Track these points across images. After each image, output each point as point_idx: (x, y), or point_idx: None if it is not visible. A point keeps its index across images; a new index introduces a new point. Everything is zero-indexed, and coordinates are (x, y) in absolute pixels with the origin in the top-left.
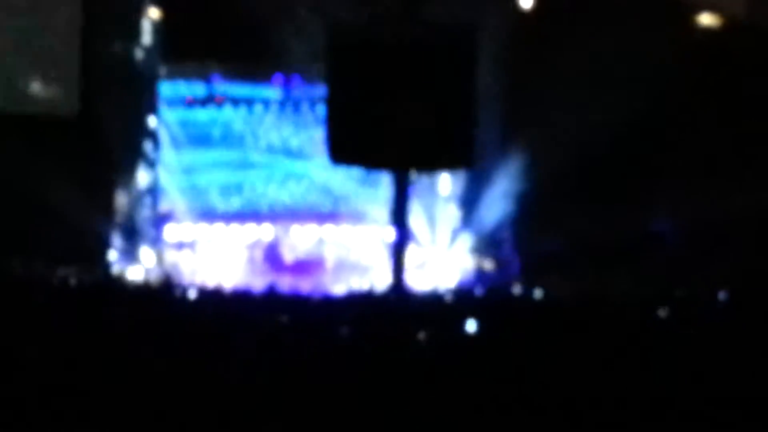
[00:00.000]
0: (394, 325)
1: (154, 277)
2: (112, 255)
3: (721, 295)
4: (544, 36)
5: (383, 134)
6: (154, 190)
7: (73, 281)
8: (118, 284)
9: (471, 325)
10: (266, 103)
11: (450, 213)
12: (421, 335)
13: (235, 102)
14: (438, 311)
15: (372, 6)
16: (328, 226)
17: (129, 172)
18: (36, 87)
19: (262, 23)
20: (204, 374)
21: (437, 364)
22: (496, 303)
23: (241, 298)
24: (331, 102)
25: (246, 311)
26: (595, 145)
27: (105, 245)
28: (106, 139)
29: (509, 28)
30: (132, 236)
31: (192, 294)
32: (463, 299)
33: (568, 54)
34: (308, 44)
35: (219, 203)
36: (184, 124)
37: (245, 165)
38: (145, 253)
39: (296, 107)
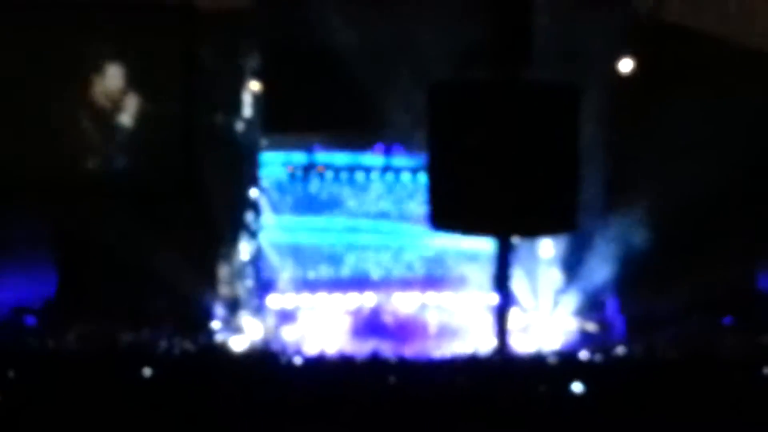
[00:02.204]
0: (499, 387)
1: (258, 345)
2: (216, 324)
3: None
4: (647, 97)
5: (485, 200)
6: (256, 260)
7: (177, 350)
8: (223, 353)
9: (577, 387)
10: (367, 171)
11: (552, 275)
12: (527, 398)
13: (337, 171)
14: (542, 374)
15: (473, 72)
16: (431, 293)
17: (231, 242)
18: (139, 159)
19: (363, 93)
20: None
21: (544, 426)
22: (600, 364)
23: (346, 363)
24: (433, 169)
25: (351, 376)
26: (701, 204)
27: (208, 315)
28: (208, 210)
29: (610, 90)
30: (235, 306)
31: (297, 361)
32: (568, 361)
33: (672, 113)
34: (409, 113)
35: (321, 271)
36: (285, 193)
37: (346, 233)
38: (248, 322)
39: (397, 175)
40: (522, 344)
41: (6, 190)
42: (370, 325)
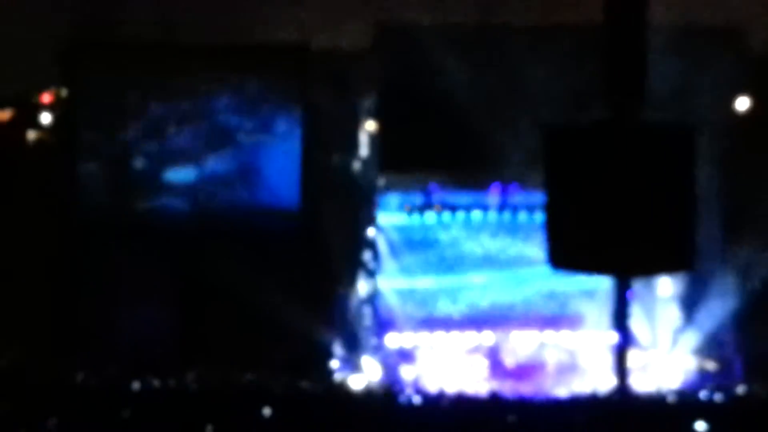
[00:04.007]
0: (619, 427)
1: (377, 384)
2: (334, 364)
3: None
4: (762, 136)
5: (603, 239)
6: (374, 299)
7: (297, 391)
8: (343, 392)
9: (699, 426)
10: (485, 210)
11: (671, 314)
12: None
13: (453, 210)
14: (663, 413)
15: (588, 110)
16: (549, 331)
17: (349, 281)
18: (258, 201)
19: (479, 132)
20: None
21: None
22: (721, 404)
23: (465, 402)
24: (550, 207)
25: (470, 416)
26: None
27: (327, 354)
28: (326, 250)
29: (726, 129)
30: (353, 345)
31: (416, 400)
32: (688, 401)
33: None
34: (525, 151)
35: (439, 310)
36: (403, 232)
37: (465, 272)
38: (367, 361)
39: (514, 214)
40: (642, 383)
41: (123, 232)
42: (489, 363)
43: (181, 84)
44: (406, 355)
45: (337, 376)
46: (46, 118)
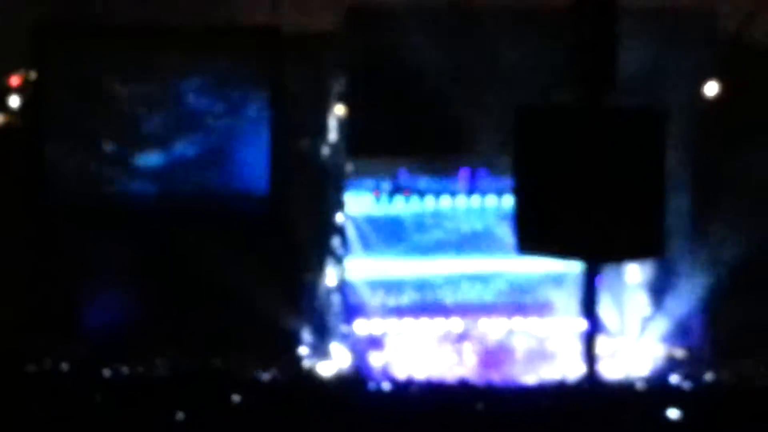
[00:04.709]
0: (589, 413)
1: (346, 371)
2: (303, 350)
3: None
4: (732, 120)
5: (572, 224)
6: (342, 285)
7: (266, 377)
8: (311, 379)
9: (672, 413)
10: (453, 195)
11: (639, 301)
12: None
13: (422, 195)
14: (632, 400)
15: (559, 94)
16: (517, 319)
17: (318, 267)
18: (227, 185)
19: (449, 116)
20: None
21: None
22: (689, 391)
23: (434, 389)
24: (519, 193)
25: (439, 402)
26: None
27: (296, 341)
28: (295, 235)
29: (694, 114)
30: (322, 332)
31: (385, 387)
32: (657, 387)
33: (759, 136)
34: (494, 136)
35: (407, 297)
36: (370, 218)
37: (433, 258)
38: (336, 348)
39: (483, 199)
40: (611, 370)
41: (91, 216)
42: (457, 351)
43: (150, 66)
44: (374, 342)
45: (306, 363)
46: (14, 101)
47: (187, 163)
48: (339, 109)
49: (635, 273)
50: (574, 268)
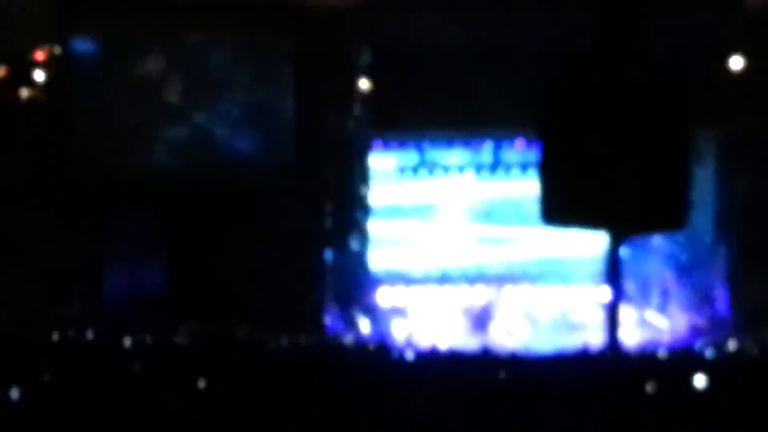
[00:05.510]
0: (611, 382)
1: (369, 340)
2: (327, 320)
3: None
4: (755, 95)
5: (597, 195)
6: (366, 256)
7: (289, 346)
8: (335, 348)
9: (699, 381)
10: (478, 168)
11: (663, 271)
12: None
13: (446, 168)
14: (654, 369)
15: (585, 67)
16: (541, 287)
17: (341, 238)
18: (252, 157)
19: (473, 89)
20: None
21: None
22: (712, 359)
23: (457, 358)
24: (544, 164)
25: (462, 371)
26: None
27: (319, 311)
28: (319, 208)
29: (719, 88)
30: (345, 301)
31: (409, 356)
32: (680, 356)
33: None
34: (519, 109)
35: (432, 267)
36: (395, 191)
37: (457, 229)
38: (359, 317)
39: (507, 171)
40: (633, 339)
41: (117, 189)
42: (482, 319)
43: (175, 40)
44: (398, 311)
45: (330, 332)
46: (39, 75)
47: (213, 136)
48: (363, 84)
49: (660, 244)
50: (599, 239)
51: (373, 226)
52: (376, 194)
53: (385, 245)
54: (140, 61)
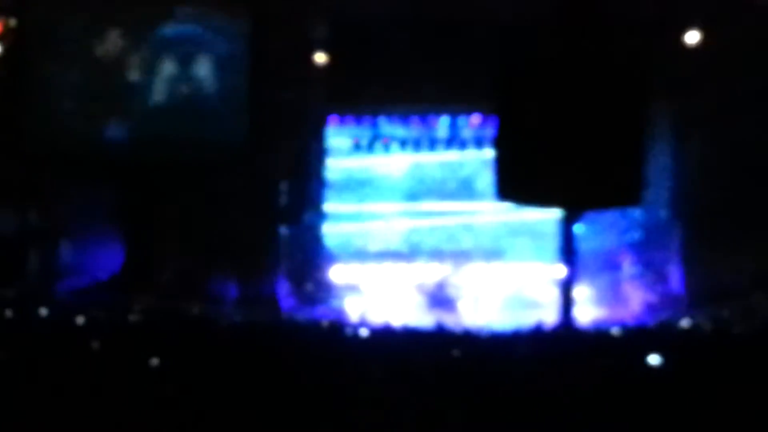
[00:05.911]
0: (565, 360)
1: (323, 317)
2: (280, 297)
3: None
4: (712, 69)
5: (552, 171)
6: (321, 232)
7: (242, 323)
8: (289, 325)
9: (653, 359)
10: (433, 143)
11: (617, 248)
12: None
13: (402, 143)
14: (608, 346)
15: (540, 43)
16: (495, 264)
17: (296, 215)
18: (206, 132)
19: (430, 65)
20: (381, 412)
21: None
22: (666, 337)
23: (412, 335)
24: (500, 140)
25: (416, 348)
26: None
27: (273, 288)
28: (273, 184)
29: (676, 62)
30: (300, 278)
31: (363, 333)
32: (632, 334)
33: (739, 86)
34: (475, 84)
35: (385, 244)
36: (349, 166)
37: (411, 205)
38: (313, 294)
39: (462, 147)
40: (587, 316)
41: (70, 164)
42: (435, 297)
43: (129, 13)
44: (352, 288)
45: (284, 309)
46: None
47: (167, 110)
48: (319, 57)
49: (614, 221)
50: (553, 215)
51: (327, 202)
52: (331, 170)
53: (339, 222)
54: (95, 35)
